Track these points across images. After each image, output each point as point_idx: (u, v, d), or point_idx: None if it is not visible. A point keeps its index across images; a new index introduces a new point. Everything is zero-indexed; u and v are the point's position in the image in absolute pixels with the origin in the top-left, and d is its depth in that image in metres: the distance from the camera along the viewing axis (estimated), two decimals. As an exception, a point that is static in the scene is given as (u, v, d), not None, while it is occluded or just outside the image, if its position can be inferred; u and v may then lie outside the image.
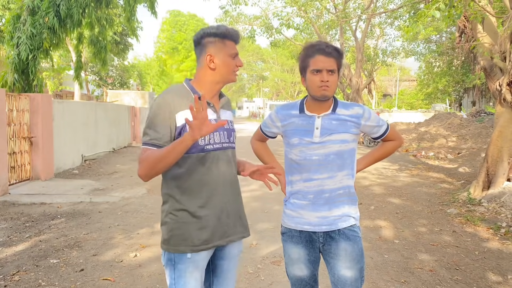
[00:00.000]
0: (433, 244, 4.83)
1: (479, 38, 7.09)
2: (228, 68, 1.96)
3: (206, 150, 1.93)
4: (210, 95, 1.98)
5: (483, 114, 22.02)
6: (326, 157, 2.05)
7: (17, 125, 7.87)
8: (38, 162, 8.35)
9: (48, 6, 8.47)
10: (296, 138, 2.10)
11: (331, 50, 2.00)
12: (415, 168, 11.16)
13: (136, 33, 11.44)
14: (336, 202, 2.08)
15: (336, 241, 2.05)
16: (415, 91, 42.64)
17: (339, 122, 2.06)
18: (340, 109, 2.09)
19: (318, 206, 2.07)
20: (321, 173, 2.07)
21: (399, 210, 6.48)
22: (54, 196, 6.97)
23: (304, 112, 2.11)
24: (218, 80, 1.97)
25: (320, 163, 2.06)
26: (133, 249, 4.50)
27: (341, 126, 2.06)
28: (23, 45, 8.22)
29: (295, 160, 2.13)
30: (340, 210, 2.07)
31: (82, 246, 4.55)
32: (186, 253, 1.92)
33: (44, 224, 5.43)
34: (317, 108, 2.09)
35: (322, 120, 2.07)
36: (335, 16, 17.76)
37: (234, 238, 2.04)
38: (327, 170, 2.06)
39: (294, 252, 2.14)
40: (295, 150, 2.12)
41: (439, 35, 30.63)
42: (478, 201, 6.60)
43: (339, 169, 2.07)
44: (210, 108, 1.95)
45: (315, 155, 2.06)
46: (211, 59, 1.92)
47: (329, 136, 2.04)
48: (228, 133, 2.03)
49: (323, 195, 2.07)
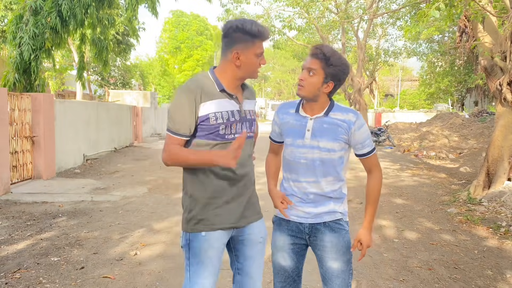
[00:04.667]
0: (433, 243, 4.84)
1: (480, 37, 7.09)
2: (253, 67, 2.00)
3: (227, 139, 1.99)
4: (232, 87, 2.03)
5: (485, 114, 21.94)
6: (313, 162, 2.09)
7: (19, 124, 7.90)
8: (40, 161, 8.39)
9: (50, 6, 8.52)
10: (289, 138, 2.16)
11: (318, 52, 2.03)
12: (416, 168, 11.16)
13: (137, 33, 11.49)
14: (321, 201, 2.13)
15: (322, 233, 2.12)
16: (418, 92, 42.56)
17: (330, 126, 2.07)
18: (334, 113, 2.10)
19: (304, 203, 2.14)
20: (307, 176, 2.12)
21: (400, 209, 6.49)
22: (55, 195, 7.01)
23: (299, 111, 2.14)
24: (241, 76, 2.02)
25: (307, 167, 2.11)
26: (133, 247, 4.52)
27: (331, 131, 2.07)
28: (26, 45, 8.26)
29: (287, 159, 2.19)
30: (326, 208, 2.13)
31: (83, 245, 4.58)
32: (201, 232, 1.99)
33: (46, 222, 5.46)
34: (311, 109, 2.12)
35: (314, 122, 2.09)
36: (337, 16, 17.77)
37: (251, 219, 2.12)
38: (313, 175, 2.11)
39: (279, 240, 2.20)
40: (287, 149, 2.18)
41: (441, 35, 30.60)
42: (479, 200, 6.60)
43: (323, 175, 2.10)
44: (233, 100, 2.01)
45: (303, 159, 2.10)
46: (237, 56, 1.95)
47: (318, 141, 2.07)
48: (250, 123, 2.11)
49: (309, 196, 2.13)
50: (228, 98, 1.99)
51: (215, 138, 1.97)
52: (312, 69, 2.02)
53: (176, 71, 45.41)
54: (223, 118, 1.96)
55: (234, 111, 2.00)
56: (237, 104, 2.03)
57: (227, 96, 1.98)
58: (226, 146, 1.97)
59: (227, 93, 1.99)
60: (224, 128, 1.97)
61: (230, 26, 1.95)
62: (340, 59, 2.06)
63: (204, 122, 1.94)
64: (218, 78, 2.00)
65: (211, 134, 1.96)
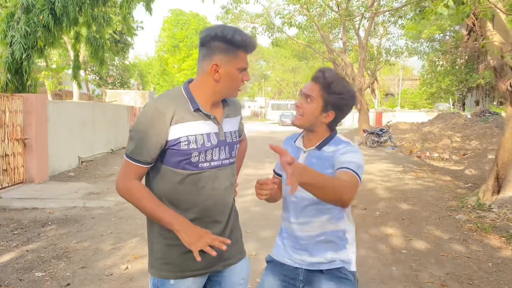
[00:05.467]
0: (443, 254, 4.55)
1: (489, 36, 6.80)
2: (234, 83, 1.69)
3: (202, 168, 1.67)
4: (210, 105, 1.71)
5: (487, 113, 21.68)
6: (302, 200, 1.79)
7: (10, 126, 7.62)
8: (32, 164, 8.11)
9: (43, 3, 8.20)
10: (282, 171, 1.90)
11: (319, 76, 1.75)
12: (420, 170, 10.87)
13: (132, 31, 11.18)
14: (316, 248, 1.81)
15: (319, 280, 1.78)
16: (419, 91, 42.29)
17: (318, 160, 1.78)
18: (329, 146, 1.80)
19: (297, 249, 1.84)
20: (296, 217, 1.83)
21: (406, 216, 6.20)
22: (46, 201, 6.72)
23: (295, 143, 1.90)
24: (218, 92, 1.70)
25: (295, 206, 1.82)
26: (124, 260, 4.24)
27: (317, 166, 1.75)
28: (17, 44, 7.95)
29: (284, 197, 1.92)
30: (322, 257, 1.80)
31: (71, 257, 4.29)
32: (169, 279, 1.68)
33: (34, 231, 5.18)
34: (308, 140, 1.85)
35: (307, 156, 1.82)
36: (338, 14, 17.48)
37: (231, 261, 1.79)
38: (302, 215, 1.81)
39: (268, 281, 1.88)
40: (283, 184, 1.91)
41: (442, 34, 30.34)
42: (488, 206, 6.32)
43: (316, 214, 1.79)
44: (210, 120, 1.69)
45: (293, 196, 1.81)
46: (216, 69, 1.64)
47: None
48: (230, 147, 1.76)
49: (300, 241, 1.82)
50: (203, 119, 1.68)
51: (186, 167, 1.65)
52: (310, 95, 1.76)
53: (175, 70, 45.18)
54: (197, 143, 1.64)
55: (211, 134, 1.68)
56: (215, 126, 1.71)
57: (203, 117, 1.68)
58: (200, 177, 1.67)
59: (203, 113, 1.67)
60: (198, 155, 1.64)
61: (208, 33, 1.64)
62: (344, 87, 1.77)
63: (174, 146, 1.63)
64: (193, 95, 1.69)
65: (182, 162, 1.64)
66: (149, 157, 1.63)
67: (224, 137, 1.73)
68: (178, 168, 1.65)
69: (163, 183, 1.68)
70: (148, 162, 1.64)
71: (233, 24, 20.33)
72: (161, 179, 1.68)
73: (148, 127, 1.60)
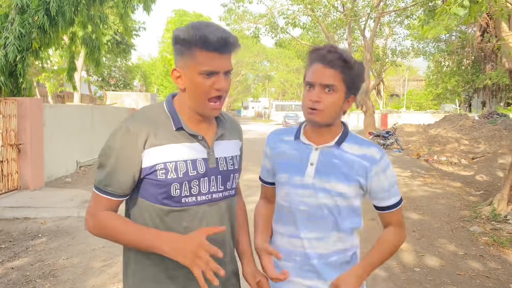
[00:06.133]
0: (460, 273, 4.22)
1: (504, 37, 6.46)
2: (198, 93, 1.30)
3: (185, 204, 1.33)
4: (195, 122, 1.37)
5: (495, 115, 21.30)
6: (318, 210, 1.45)
7: (4, 131, 7.34)
8: (27, 170, 7.82)
9: (38, 4, 7.92)
10: (284, 174, 1.51)
11: (334, 58, 1.37)
12: (429, 175, 10.52)
13: (130, 31, 10.88)
14: (327, 271, 1.48)
15: None
16: (426, 92, 41.83)
17: (342, 162, 1.44)
18: (349, 144, 1.48)
19: (304, 272, 1.49)
20: (310, 230, 1.47)
21: (416, 227, 5.87)
22: (40, 210, 6.42)
23: (300, 138, 1.51)
24: (191, 105, 1.34)
25: (309, 216, 1.47)
26: (115, 279, 3.93)
27: (345, 168, 1.44)
28: (11, 46, 7.68)
29: (281, 206, 1.55)
30: None
31: (58, 276, 3.99)
32: None
33: (22, 245, 4.88)
34: (316, 136, 1.49)
35: (320, 153, 1.46)
36: (343, 14, 17.15)
37: None
38: (316, 227, 1.47)
39: None
40: (282, 190, 1.53)
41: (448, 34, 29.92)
42: (504, 217, 5.97)
43: (334, 228, 1.47)
44: (197, 142, 1.35)
45: (303, 204, 1.46)
46: (179, 76, 1.31)
47: (326, 181, 1.43)
48: (224, 177, 1.40)
49: (309, 261, 1.48)
50: (188, 141, 1.34)
51: (166, 203, 1.31)
52: (331, 85, 1.38)
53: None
54: (177, 172, 1.30)
55: (197, 161, 1.33)
56: (203, 150, 1.36)
57: (187, 138, 1.34)
58: (183, 216, 1.33)
59: (188, 133, 1.34)
60: (179, 188, 1.30)
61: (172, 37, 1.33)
62: (358, 63, 1.44)
63: (150, 176, 1.30)
64: (176, 111, 1.36)
65: (159, 196, 1.31)
66: (120, 188, 1.31)
67: (216, 164, 1.38)
68: (157, 203, 1.33)
69: (142, 219, 1.35)
70: (120, 195, 1.32)
71: (236, 24, 20.04)
72: (139, 215, 1.36)
73: (118, 151, 1.29)
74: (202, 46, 1.24)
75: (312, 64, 1.42)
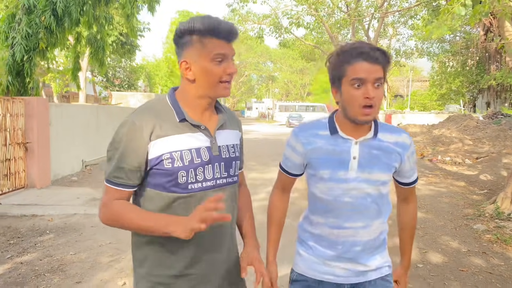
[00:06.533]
0: (462, 269, 4.25)
1: (507, 36, 6.49)
2: (213, 77, 1.39)
3: (191, 190, 1.40)
4: (199, 113, 1.45)
5: (500, 116, 21.25)
6: (363, 200, 1.53)
7: (11, 130, 7.43)
8: (34, 169, 7.91)
9: (45, 4, 8.03)
10: (327, 170, 1.54)
11: (378, 55, 1.42)
12: (432, 174, 10.54)
13: (135, 32, 10.96)
14: (369, 254, 1.60)
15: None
16: (430, 93, 41.74)
17: (381, 152, 1.53)
18: (383, 133, 1.55)
19: (346, 259, 1.59)
20: (355, 220, 1.55)
21: (420, 225, 5.90)
22: (47, 207, 6.51)
23: (338, 133, 1.54)
24: (202, 94, 1.42)
25: (354, 208, 1.54)
26: (122, 274, 4.00)
27: (385, 157, 1.53)
28: (18, 46, 7.78)
29: (321, 199, 1.59)
30: (373, 263, 1.61)
31: (66, 270, 4.06)
32: None
33: (30, 241, 4.96)
34: (353, 130, 1.53)
35: (361, 146, 1.52)
36: (347, 14, 17.18)
37: None
38: (362, 217, 1.55)
39: None
40: (322, 185, 1.57)
41: (453, 34, 29.90)
42: (507, 215, 6.00)
43: (377, 216, 1.57)
44: (200, 132, 1.42)
45: (348, 197, 1.53)
46: (187, 67, 1.39)
47: (369, 172, 1.51)
48: (227, 164, 1.49)
49: (355, 248, 1.57)
50: (191, 131, 1.42)
51: (173, 190, 1.40)
52: (380, 79, 1.43)
53: (182, 72, 45.08)
54: (183, 160, 1.38)
55: (201, 149, 1.42)
56: (206, 139, 1.45)
57: (190, 128, 1.42)
58: (190, 201, 1.41)
59: (191, 124, 1.42)
60: (186, 175, 1.39)
61: (175, 32, 1.41)
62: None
63: (157, 166, 1.38)
64: (179, 103, 1.44)
65: (168, 184, 1.39)
66: (129, 179, 1.39)
67: (219, 152, 1.47)
68: (164, 191, 1.41)
69: (149, 208, 1.43)
70: (130, 185, 1.40)
71: (240, 25, 20.12)
72: (148, 204, 1.44)
73: (124, 144, 1.37)
74: (213, 34, 1.35)
75: (356, 61, 1.42)
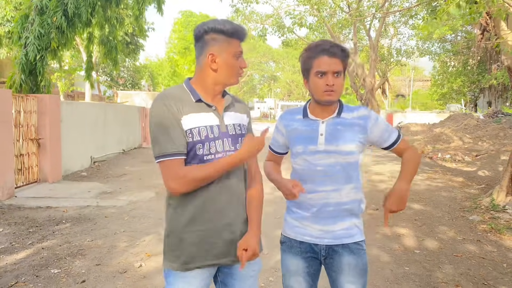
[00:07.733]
0: (457, 255, 4.52)
1: (503, 36, 6.74)
2: (232, 70, 1.74)
3: (207, 161, 1.70)
4: (211, 96, 1.77)
5: (500, 115, 21.44)
6: (332, 167, 1.87)
7: (25, 126, 7.73)
8: (46, 164, 8.21)
9: (56, 5, 8.33)
10: (299, 146, 1.93)
11: (336, 50, 1.82)
12: (432, 171, 10.79)
13: (144, 32, 11.25)
14: (340, 216, 1.90)
15: (340, 255, 1.90)
16: (430, 92, 41.90)
17: (344, 127, 1.89)
18: (346, 113, 1.92)
19: (321, 219, 1.91)
20: (326, 185, 1.88)
21: (418, 216, 6.17)
22: (60, 200, 6.81)
23: (308, 116, 1.94)
24: (219, 81, 1.76)
25: (325, 174, 1.88)
26: (138, 258, 4.28)
27: (348, 131, 1.88)
28: (31, 45, 8.08)
29: (298, 170, 1.96)
30: (345, 224, 1.91)
31: (86, 255, 4.34)
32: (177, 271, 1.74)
33: (48, 229, 5.25)
34: (321, 112, 1.92)
35: (327, 125, 1.90)
36: (349, 14, 17.43)
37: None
38: (332, 182, 1.88)
39: (292, 264, 1.97)
40: (298, 159, 1.95)
41: (454, 34, 30.07)
42: (502, 207, 6.26)
43: (345, 181, 1.89)
44: (212, 112, 1.74)
45: (320, 165, 1.88)
46: (213, 59, 1.71)
47: (335, 145, 1.86)
48: (233, 139, 1.78)
49: (327, 208, 1.89)
50: (205, 111, 1.73)
51: (191, 162, 1.69)
52: (339, 71, 1.84)
53: (186, 72, 45.36)
54: (201, 135, 1.69)
55: (213, 126, 1.72)
56: (216, 118, 1.75)
57: (204, 108, 1.74)
58: None
59: (205, 104, 1.73)
60: (202, 147, 1.69)
61: (201, 29, 1.74)
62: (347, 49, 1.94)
63: (190, 136, 1.69)
64: (194, 88, 1.76)
65: (188, 155, 1.69)
66: (181, 145, 1.65)
67: (226, 129, 1.76)
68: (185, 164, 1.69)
69: None
70: (183, 152, 1.66)
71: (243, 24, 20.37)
72: None
73: (161, 119, 1.65)
74: (237, 36, 1.72)
75: (318, 57, 1.83)
